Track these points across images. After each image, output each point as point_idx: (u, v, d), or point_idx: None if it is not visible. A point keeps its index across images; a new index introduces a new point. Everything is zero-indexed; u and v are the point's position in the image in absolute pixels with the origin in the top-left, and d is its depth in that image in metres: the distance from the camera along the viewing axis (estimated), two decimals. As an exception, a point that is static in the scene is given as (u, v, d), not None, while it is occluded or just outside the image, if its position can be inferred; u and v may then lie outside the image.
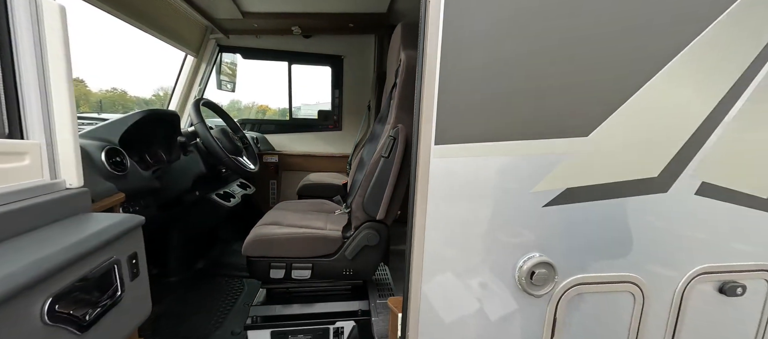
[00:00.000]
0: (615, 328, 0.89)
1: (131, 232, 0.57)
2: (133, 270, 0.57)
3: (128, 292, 0.55)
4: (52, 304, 0.39)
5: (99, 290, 0.48)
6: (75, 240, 0.46)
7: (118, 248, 0.53)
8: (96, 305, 0.47)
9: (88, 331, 0.45)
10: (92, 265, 0.47)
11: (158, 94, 4.08)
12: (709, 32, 0.77)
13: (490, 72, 0.73)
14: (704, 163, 0.83)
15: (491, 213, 0.78)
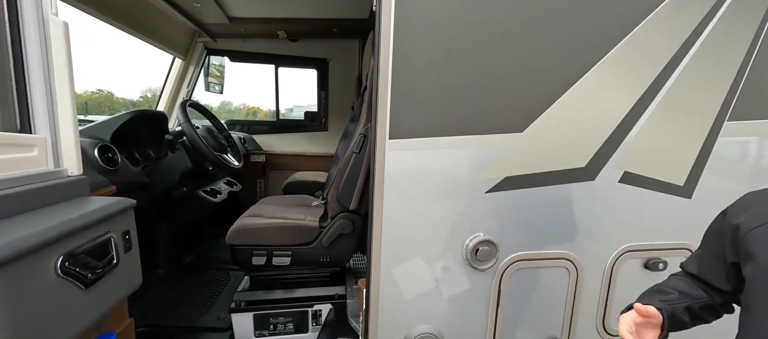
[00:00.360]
0: (553, 299, 1.02)
1: (125, 212, 0.67)
2: (127, 244, 0.67)
3: (122, 263, 0.65)
4: (63, 261, 0.49)
5: (98, 257, 0.59)
6: (78, 214, 0.56)
7: (114, 225, 0.64)
8: (96, 269, 0.58)
9: (89, 288, 0.55)
10: (93, 235, 0.58)
11: (146, 95, 4.10)
12: (627, 41, 0.91)
13: (437, 75, 0.85)
14: (625, 154, 0.97)
15: (440, 199, 0.90)
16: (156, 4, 2.06)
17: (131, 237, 0.69)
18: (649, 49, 0.93)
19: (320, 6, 2.37)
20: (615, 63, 0.92)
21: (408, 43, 0.81)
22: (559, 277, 1.01)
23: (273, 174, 3.00)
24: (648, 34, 0.91)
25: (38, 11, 0.63)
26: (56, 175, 0.66)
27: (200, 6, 2.20)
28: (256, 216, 1.39)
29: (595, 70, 0.91)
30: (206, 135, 1.63)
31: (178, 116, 1.62)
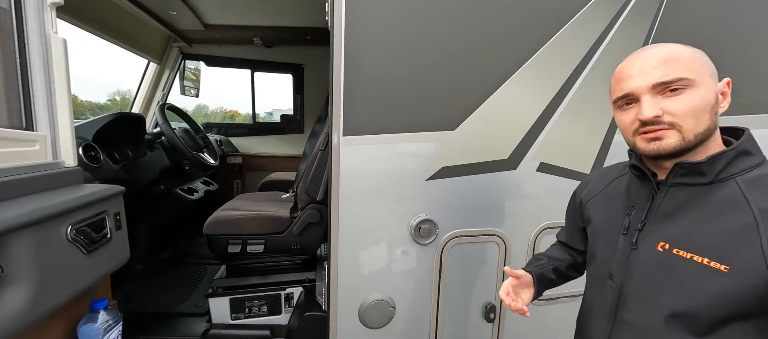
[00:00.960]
0: (486, 269, 1.22)
1: (115, 197, 0.80)
2: (117, 224, 0.80)
3: (114, 238, 0.78)
4: (71, 229, 0.62)
5: (96, 231, 0.72)
6: (81, 194, 0.70)
7: (107, 206, 0.77)
8: (94, 240, 0.71)
9: (90, 254, 0.69)
10: (92, 213, 0.71)
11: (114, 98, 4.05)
12: (541, 52, 1.12)
13: (382, 82, 1.02)
14: (541, 148, 1.19)
15: (389, 186, 1.08)
16: (130, 10, 2.14)
17: (121, 218, 0.82)
18: (558, 59, 1.14)
19: (294, 15, 2.51)
20: (531, 71, 1.13)
21: (356, 54, 0.99)
22: (490, 251, 1.21)
23: (250, 174, 3.09)
24: (558, 47, 1.13)
25: (41, 30, 0.75)
26: (55, 166, 0.78)
27: (176, 14, 2.29)
28: (231, 209, 1.52)
29: (515, 77, 1.12)
30: (183, 135, 1.73)
31: (156, 118, 1.71)
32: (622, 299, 0.60)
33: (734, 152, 0.51)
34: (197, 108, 4.24)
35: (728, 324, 0.49)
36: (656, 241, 0.55)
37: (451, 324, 1.19)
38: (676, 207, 0.54)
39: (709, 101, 0.51)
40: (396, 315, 1.14)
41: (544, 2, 1.08)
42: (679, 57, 0.51)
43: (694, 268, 0.50)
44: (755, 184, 0.49)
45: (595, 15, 1.13)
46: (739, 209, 0.48)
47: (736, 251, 0.47)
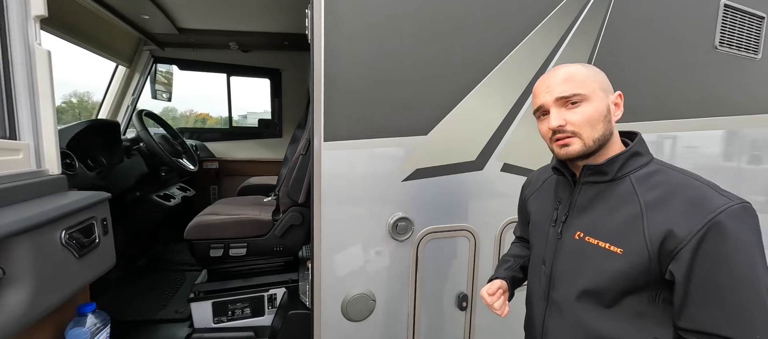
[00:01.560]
0: (459, 261, 1.33)
1: (102, 203, 0.83)
2: (104, 229, 0.83)
3: (102, 242, 0.80)
4: (65, 234, 0.65)
5: (86, 236, 0.75)
6: (70, 201, 0.72)
7: (95, 212, 0.79)
8: (85, 245, 0.74)
9: (81, 258, 0.72)
10: (82, 218, 0.74)
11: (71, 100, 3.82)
12: (502, 65, 1.25)
13: (361, 91, 1.10)
14: (504, 150, 1.31)
15: (367, 187, 1.16)
16: (98, 13, 2.08)
17: (108, 223, 0.85)
18: (517, 71, 1.28)
19: (271, 21, 2.53)
20: (493, 82, 1.25)
21: (335, 66, 1.06)
22: (461, 244, 1.32)
23: (227, 180, 3.06)
24: (516, 60, 1.26)
25: (25, 41, 0.77)
26: (39, 174, 0.80)
27: (149, 18, 2.25)
28: (212, 214, 1.53)
29: (479, 87, 1.24)
30: (162, 142, 1.72)
31: (134, 124, 1.69)
32: (552, 281, 0.69)
33: (627, 154, 0.61)
34: (164, 111, 4.09)
35: (626, 296, 0.58)
36: (575, 231, 0.65)
37: (427, 313, 1.29)
38: (588, 201, 0.64)
39: (602, 111, 0.60)
40: (376, 307, 1.22)
41: (503, 22, 1.21)
42: (574, 76, 0.61)
43: (599, 252, 0.60)
44: (643, 180, 0.60)
45: (547, 34, 1.27)
46: (631, 201, 0.59)
47: (627, 236, 0.57)
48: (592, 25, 1.33)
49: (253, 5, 2.20)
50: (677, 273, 0.53)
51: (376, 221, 1.19)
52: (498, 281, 0.81)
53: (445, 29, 1.15)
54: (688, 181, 0.57)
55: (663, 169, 0.60)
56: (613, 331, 0.60)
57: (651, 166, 0.61)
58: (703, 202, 0.52)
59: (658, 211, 0.55)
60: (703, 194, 0.54)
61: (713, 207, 0.51)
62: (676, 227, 0.52)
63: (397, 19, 1.10)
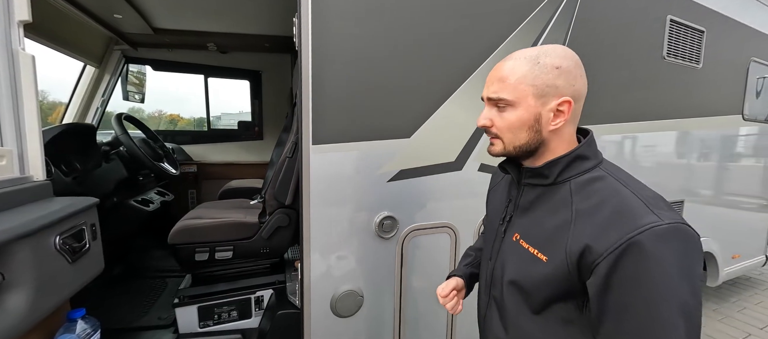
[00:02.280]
0: (441, 257, 1.41)
1: (91, 208, 0.83)
2: (93, 234, 0.83)
3: (92, 247, 0.81)
4: (59, 239, 0.66)
5: (77, 241, 0.75)
6: (62, 206, 0.73)
7: (85, 217, 0.80)
8: (77, 250, 0.74)
9: (74, 263, 0.72)
10: (73, 224, 0.75)
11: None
12: (479, 70, 1.34)
13: (347, 97, 1.16)
14: (481, 151, 1.41)
15: (355, 188, 1.21)
16: (66, 11, 1.99)
17: (96, 229, 0.85)
18: (491, 80, 1.38)
19: (251, 23, 2.51)
20: (471, 87, 1.34)
21: (323, 73, 1.11)
22: (444, 241, 1.40)
23: (206, 183, 2.99)
24: (491, 67, 1.36)
25: (8, 46, 0.76)
26: (22, 180, 0.79)
27: (122, 18, 2.18)
28: (197, 218, 1.53)
29: (457, 93, 1.32)
30: (143, 145, 1.68)
31: (114, 128, 1.64)
32: (493, 279, 0.69)
33: (569, 158, 0.57)
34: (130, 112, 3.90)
35: (554, 303, 0.57)
36: (514, 232, 0.64)
37: (412, 306, 1.36)
38: (530, 202, 0.62)
39: (526, 120, 0.57)
40: (364, 303, 1.27)
41: (480, 31, 1.31)
42: (510, 77, 0.57)
43: (528, 257, 0.59)
44: (581, 187, 0.56)
45: (518, 43, 1.38)
46: (565, 208, 0.55)
47: (553, 244, 0.55)
48: (558, 36, 1.46)
49: (233, 7, 2.18)
50: (591, 288, 0.51)
51: (362, 220, 1.24)
52: (453, 281, 0.81)
53: (426, 37, 1.23)
54: (623, 192, 0.52)
55: (605, 176, 0.56)
56: (542, 335, 0.59)
57: (594, 172, 0.57)
58: (629, 217, 0.49)
59: (584, 222, 0.52)
60: (631, 209, 0.50)
61: (637, 224, 0.47)
62: (595, 241, 0.49)
63: (381, 28, 1.16)
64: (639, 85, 1.72)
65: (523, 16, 1.37)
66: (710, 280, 2.45)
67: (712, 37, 1.95)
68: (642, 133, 1.77)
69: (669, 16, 1.75)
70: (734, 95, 2.22)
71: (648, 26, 1.70)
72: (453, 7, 1.26)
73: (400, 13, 1.18)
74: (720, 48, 2.02)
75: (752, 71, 2.27)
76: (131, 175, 1.69)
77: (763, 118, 2.46)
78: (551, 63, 0.57)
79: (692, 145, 2.04)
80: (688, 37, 1.85)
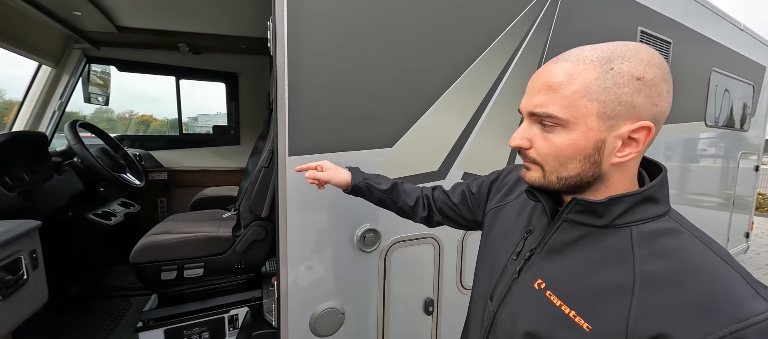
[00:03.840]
0: (425, 268, 1.38)
1: (31, 234, 0.73)
2: (34, 263, 0.73)
3: (31, 278, 0.71)
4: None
5: (12, 273, 0.66)
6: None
7: (22, 244, 0.70)
8: (10, 284, 0.65)
9: (7, 300, 0.63)
10: (7, 253, 0.65)
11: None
12: (461, 80, 1.32)
13: (325, 105, 1.10)
14: (463, 159, 1.39)
15: (333, 200, 1.16)
16: (15, 5, 1.82)
17: (37, 255, 0.75)
18: (474, 85, 1.37)
19: (225, 23, 2.39)
20: (453, 96, 1.32)
21: (300, 81, 1.05)
22: (427, 252, 1.37)
23: (177, 192, 2.82)
24: (474, 76, 1.35)
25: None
26: (-54, 203, 0.68)
27: (81, 14, 2.01)
28: (163, 233, 1.41)
29: (440, 101, 1.30)
30: (101, 155, 1.54)
31: (67, 137, 1.49)
32: (494, 326, 0.54)
33: (638, 198, 0.43)
34: (97, 113, 3.59)
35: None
36: (536, 277, 0.49)
37: (395, 321, 1.32)
38: (564, 244, 0.48)
39: (582, 147, 0.43)
40: (346, 320, 1.21)
41: (461, 40, 1.29)
42: (564, 85, 0.42)
43: (560, 318, 0.44)
44: (648, 239, 0.42)
45: (499, 50, 1.38)
46: (623, 264, 0.42)
47: (603, 311, 0.41)
48: (536, 47, 1.47)
49: (204, 6, 2.07)
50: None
51: (343, 234, 1.19)
52: (320, 166, 0.84)
53: (407, 46, 1.20)
54: (715, 261, 0.39)
55: (681, 231, 0.42)
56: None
57: (665, 222, 0.43)
58: (730, 303, 0.35)
59: (659, 294, 0.38)
60: (732, 290, 0.36)
61: (743, 314, 0.34)
62: (678, 328, 0.36)
63: (360, 35, 1.12)
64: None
65: (502, 27, 1.37)
66: (678, 279, 2.57)
67: (677, 47, 2.04)
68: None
69: (640, 28, 1.81)
70: (697, 102, 2.34)
71: (621, 36, 1.76)
72: (434, 15, 1.23)
73: (380, 20, 1.14)
74: (685, 58, 2.12)
75: (713, 80, 2.41)
76: (88, 188, 1.54)
77: (722, 124, 2.62)
78: (631, 71, 0.40)
79: (659, 149, 2.13)
80: (657, 47, 1.93)
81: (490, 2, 1.34)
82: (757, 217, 5.28)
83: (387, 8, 1.14)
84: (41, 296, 0.75)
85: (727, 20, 2.46)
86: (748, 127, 2.94)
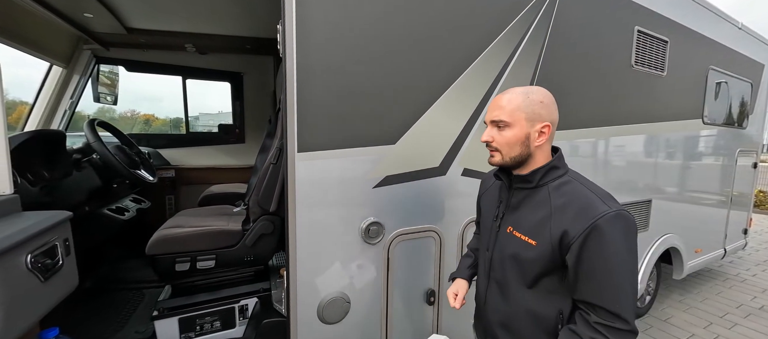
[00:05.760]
0: (426, 260, 1.43)
1: (64, 223, 0.80)
2: (67, 250, 0.79)
3: (65, 263, 0.77)
4: (30, 258, 0.63)
5: (50, 258, 0.72)
6: (31, 223, 0.69)
7: (57, 233, 0.77)
8: (49, 268, 0.71)
9: (46, 282, 0.69)
10: (45, 240, 0.71)
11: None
12: (461, 80, 1.37)
13: (332, 104, 1.16)
14: (464, 156, 1.45)
15: (340, 195, 1.21)
16: (29, 8, 1.88)
17: (70, 244, 0.82)
18: (474, 85, 1.42)
19: (231, 24, 2.45)
20: (454, 94, 1.37)
21: (308, 80, 1.11)
22: (428, 245, 1.43)
23: (184, 189, 2.89)
24: (473, 76, 1.40)
25: (-30, 54, 0.72)
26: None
27: (92, 16, 2.07)
28: (176, 226, 1.48)
29: (441, 100, 1.35)
30: (118, 152, 1.61)
31: (86, 135, 1.55)
32: (492, 264, 0.88)
33: (546, 168, 0.79)
34: (99, 112, 3.66)
35: (542, 278, 0.77)
36: (507, 225, 0.84)
37: (398, 310, 1.38)
38: (518, 202, 0.83)
39: (520, 137, 0.77)
40: (351, 309, 1.28)
41: (461, 41, 1.34)
42: (508, 105, 0.77)
43: (521, 243, 0.78)
44: (556, 189, 0.77)
45: (499, 52, 1.43)
46: (545, 205, 0.76)
47: (540, 232, 0.75)
48: (534, 47, 1.52)
49: (212, 8, 2.13)
50: (569, 261, 0.71)
51: (349, 227, 1.24)
52: (463, 289, 1.03)
53: (410, 47, 1.25)
54: (584, 191, 0.75)
55: (571, 181, 0.78)
56: (533, 304, 0.80)
57: (564, 178, 0.79)
58: (589, 210, 0.70)
59: (560, 215, 0.73)
60: (590, 203, 0.71)
61: (595, 213, 0.69)
62: (570, 228, 0.70)
63: (365, 37, 1.17)
64: (609, 91, 1.82)
65: (501, 28, 1.42)
66: (676, 273, 2.62)
67: (674, 46, 2.09)
68: (612, 137, 1.87)
69: (637, 27, 1.86)
70: (695, 100, 2.38)
71: (618, 36, 1.80)
72: (437, 17, 1.29)
73: (384, 23, 1.19)
74: (682, 57, 2.17)
75: (711, 78, 2.44)
76: (105, 184, 1.61)
77: (720, 122, 2.65)
78: (537, 98, 0.78)
79: (658, 147, 2.17)
80: (654, 47, 1.97)
81: (489, 5, 1.39)
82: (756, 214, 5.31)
83: (390, 12, 1.20)
84: (73, 280, 0.81)
85: (724, 19, 2.50)
86: (747, 125, 2.98)
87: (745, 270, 3.48)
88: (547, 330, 0.79)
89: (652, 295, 2.61)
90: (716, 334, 2.30)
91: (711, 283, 3.17)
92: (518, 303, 0.82)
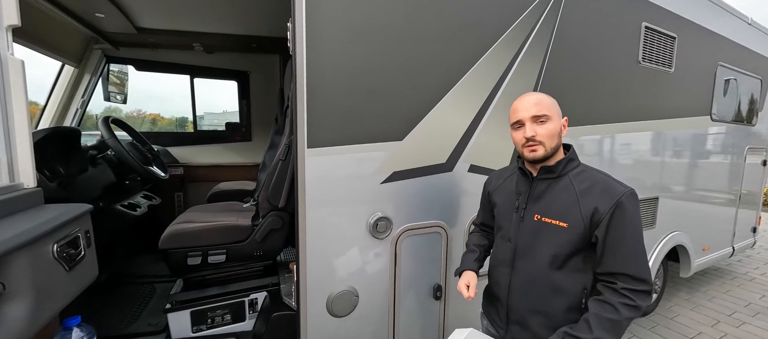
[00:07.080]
0: (433, 255, 1.45)
1: (84, 215, 0.82)
2: (88, 241, 0.82)
3: (87, 254, 0.80)
4: (56, 247, 0.66)
5: (74, 248, 0.75)
6: (55, 214, 0.72)
7: (79, 224, 0.79)
8: (73, 257, 0.74)
9: (70, 271, 0.72)
10: (68, 231, 0.74)
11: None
12: (467, 77, 1.38)
13: (341, 101, 1.17)
14: (470, 152, 1.46)
15: (348, 190, 1.23)
16: (45, 10, 1.92)
17: (90, 235, 0.84)
18: (481, 82, 1.42)
19: (238, 23, 2.48)
20: (461, 91, 1.38)
21: (318, 79, 1.13)
22: (436, 240, 1.45)
23: (193, 186, 2.94)
24: (480, 73, 1.40)
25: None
26: (13, 188, 0.77)
27: (104, 16, 2.12)
28: (188, 221, 1.51)
29: (447, 97, 1.36)
30: (131, 149, 1.64)
31: (102, 132, 1.59)
32: (516, 252, 0.95)
33: (567, 159, 0.91)
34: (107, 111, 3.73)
35: (571, 258, 0.87)
36: (533, 214, 0.92)
37: (406, 304, 1.40)
38: (541, 192, 0.92)
39: (558, 129, 0.88)
40: (359, 302, 1.30)
41: (467, 39, 1.35)
42: (542, 101, 0.89)
43: (552, 228, 0.88)
44: (576, 176, 0.89)
45: (505, 49, 1.44)
46: (569, 191, 0.87)
47: (569, 214, 0.85)
48: (541, 43, 1.52)
49: (220, 7, 2.15)
50: (599, 234, 0.82)
51: (357, 222, 1.26)
52: (474, 280, 1.06)
53: (418, 44, 1.26)
54: (601, 176, 0.89)
55: (587, 169, 0.92)
56: (563, 283, 0.88)
57: (580, 167, 0.92)
58: (610, 190, 0.84)
59: (587, 196, 0.85)
60: (609, 184, 0.85)
61: (618, 192, 0.82)
62: (599, 205, 0.82)
63: (373, 35, 1.19)
64: (616, 88, 1.81)
65: (508, 25, 1.43)
66: (683, 271, 2.60)
67: (682, 42, 2.07)
68: (619, 134, 1.87)
69: (644, 23, 1.85)
70: (703, 97, 2.36)
71: (625, 32, 1.80)
72: (444, 14, 1.30)
73: (391, 21, 1.21)
74: (690, 53, 2.15)
75: (719, 75, 2.42)
76: (118, 180, 1.65)
77: (729, 119, 2.63)
78: (552, 101, 0.91)
79: (665, 144, 2.16)
80: (661, 43, 1.96)
81: (495, 2, 1.40)
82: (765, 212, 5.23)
83: (398, 10, 1.21)
84: (93, 271, 0.84)
85: (733, 15, 2.47)
86: (756, 122, 2.95)
87: (754, 268, 3.45)
88: (572, 305, 0.87)
89: (659, 293, 2.60)
90: (723, 333, 2.29)
91: (719, 281, 3.14)
92: (548, 285, 0.89)
